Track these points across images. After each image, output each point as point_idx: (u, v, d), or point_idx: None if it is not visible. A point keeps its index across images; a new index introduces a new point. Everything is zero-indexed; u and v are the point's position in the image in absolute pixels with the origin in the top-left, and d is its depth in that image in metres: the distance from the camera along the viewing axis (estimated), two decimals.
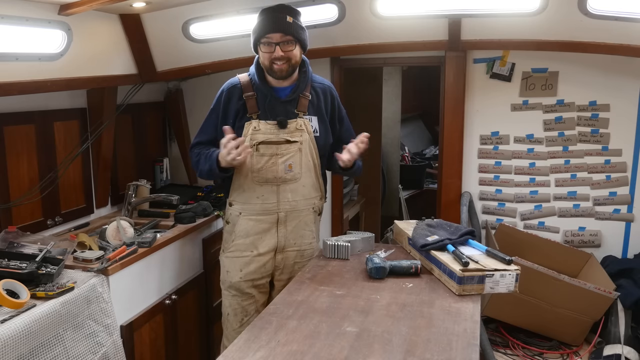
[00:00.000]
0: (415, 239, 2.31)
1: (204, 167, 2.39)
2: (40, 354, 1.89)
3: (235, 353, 1.60)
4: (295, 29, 2.29)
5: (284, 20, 2.27)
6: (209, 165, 2.35)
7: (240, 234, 2.43)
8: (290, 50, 2.29)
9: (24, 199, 2.50)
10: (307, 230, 2.49)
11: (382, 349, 1.61)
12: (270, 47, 2.27)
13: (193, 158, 2.47)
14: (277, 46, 2.27)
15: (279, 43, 2.27)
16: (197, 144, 2.48)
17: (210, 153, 2.37)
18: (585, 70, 3.09)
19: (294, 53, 2.30)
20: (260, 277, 2.46)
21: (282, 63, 2.28)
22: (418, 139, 6.71)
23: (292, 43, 2.29)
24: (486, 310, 2.89)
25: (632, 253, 3.17)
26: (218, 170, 2.33)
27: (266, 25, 2.28)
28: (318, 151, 2.45)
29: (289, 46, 2.28)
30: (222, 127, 2.37)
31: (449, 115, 3.25)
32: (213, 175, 2.39)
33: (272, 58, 2.28)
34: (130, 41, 2.75)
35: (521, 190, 3.29)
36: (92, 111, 2.88)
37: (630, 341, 2.67)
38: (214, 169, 2.33)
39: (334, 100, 2.52)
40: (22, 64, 2.19)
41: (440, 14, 2.91)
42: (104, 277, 2.22)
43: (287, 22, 2.27)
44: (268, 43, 2.28)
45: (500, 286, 1.98)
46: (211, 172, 2.36)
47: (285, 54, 2.28)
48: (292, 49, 2.29)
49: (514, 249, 2.94)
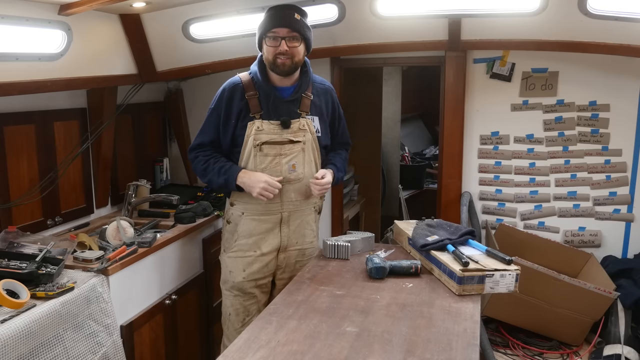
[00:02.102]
0: (415, 239, 2.31)
1: (216, 179, 2.39)
2: (40, 354, 1.89)
3: (235, 353, 1.60)
4: (302, 26, 2.31)
5: (292, 17, 2.29)
6: (224, 180, 2.36)
7: (243, 234, 2.43)
8: (295, 47, 2.30)
9: (24, 199, 2.50)
10: (309, 229, 2.50)
11: (382, 349, 1.61)
12: (276, 41, 2.28)
13: (198, 164, 2.44)
14: (282, 40, 2.27)
15: (284, 38, 2.28)
16: (198, 145, 2.46)
17: (227, 167, 2.37)
18: (585, 70, 3.09)
19: (298, 50, 2.31)
20: (263, 277, 2.46)
21: (285, 58, 2.29)
22: (418, 139, 6.71)
23: (298, 40, 2.30)
24: (486, 310, 2.89)
25: (632, 253, 3.17)
26: (235, 188, 2.36)
27: (274, 20, 2.30)
28: (320, 151, 2.45)
29: (294, 42, 2.29)
30: (224, 127, 2.37)
31: (449, 115, 3.25)
32: (226, 189, 2.43)
33: (277, 52, 2.28)
34: (130, 41, 2.75)
35: (521, 190, 3.29)
36: (92, 111, 2.88)
37: (630, 341, 2.67)
38: (230, 185, 2.36)
39: (334, 100, 2.53)
40: (22, 64, 2.19)
41: (440, 14, 2.91)
42: (104, 277, 2.22)
43: (294, 18, 2.29)
44: (274, 37, 2.29)
45: (500, 286, 1.98)
46: (226, 186, 2.39)
47: (290, 49, 2.28)
48: (297, 45, 2.30)
49: (514, 249, 2.94)
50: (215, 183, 2.41)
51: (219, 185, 2.41)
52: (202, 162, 2.42)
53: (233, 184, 2.35)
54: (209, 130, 2.44)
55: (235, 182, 2.34)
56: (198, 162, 2.44)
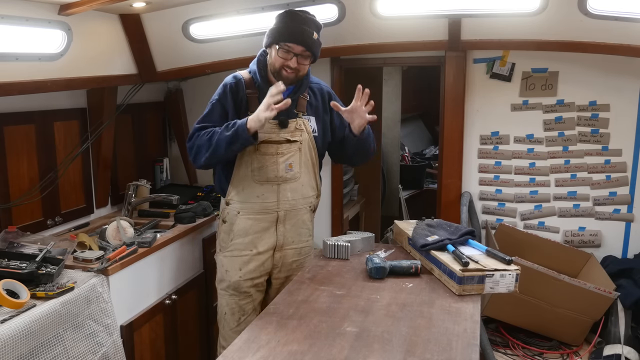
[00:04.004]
0: (415, 239, 2.31)
1: (225, 134, 2.22)
2: (40, 354, 1.89)
3: (235, 353, 1.60)
4: (317, 47, 2.32)
5: (311, 37, 2.28)
6: (233, 131, 2.20)
7: (239, 233, 2.43)
8: (305, 65, 2.32)
9: (24, 199, 2.50)
10: (305, 228, 2.50)
11: (382, 349, 1.61)
12: (288, 54, 2.28)
13: (203, 136, 2.29)
14: (295, 57, 2.28)
15: (297, 55, 2.28)
16: (201, 127, 2.34)
17: (232, 123, 2.24)
18: (585, 70, 3.09)
19: (305, 67, 2.34)
20: (259, 276, 2.46)
21: (291, 72, 2.30)
22: (418, 139, 6.71)
23: (309, 58, 2.33)
24: (486, 310, 2.89)
25: (632, 253, 3.17)
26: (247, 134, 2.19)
27: (292, 35, 2.27)
28: (317, 151, 2.45)
29: (305, 60, 2.31)
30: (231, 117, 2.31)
31: (449, 115, 3.25)
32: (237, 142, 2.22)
33: (285, 65, 2.29)
34: (130, 41, 2.75)
35: (521, 190, 3.29)
36: (92, 111, 2.88)
37: (630, 341, 2.67)
38: (241, 131, 2.19)
39: (331, 97, 2.51)
40: (22, 64, 2.20)
41: (440, 14, 2.92)
42: (104, 277, 2.22)
43: (312, 38, 2.29)
44: (287, 51, 2.28)
45: (500, 286, 1.98)
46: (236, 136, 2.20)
47: (299, 66, 2.30)
48: (306, 63, 2.33)
49: (514, 249, 2.94)
50: (224, 138, 2.23)
51: (228, 139, 2.22)
52: (207, 134, 2.29)
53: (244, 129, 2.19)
54: (213, 119, 2.36)
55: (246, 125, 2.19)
56: (202, 135, 2.30)
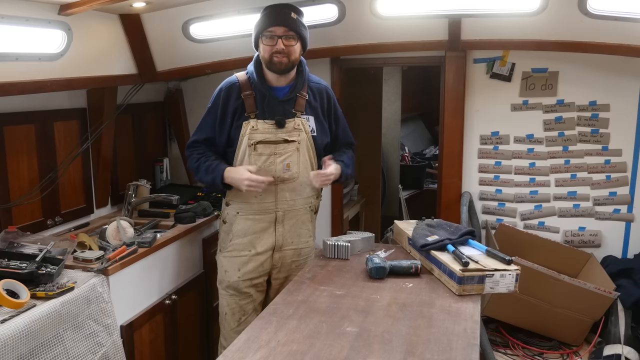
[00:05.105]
0: (415, 239, 2.31)
1: (205, 178, 2.42)
2: (40, 354, 1.89)
3: (235, 353, 1.60)
4: (299, 25, 2.33)
5: (289, 16, 2.31)
6: (211, 179, 2.38)
7: (238, 234, 2.44)
8: (292, 45, 2.32)
9: (24, 199, 2.50)
10: (304, 229, 2.50)
11: (382, 349, 1.61)
12: (273, 40, 2.30)
13: (192, 162, 2.48)
14: (279, 39, 2.29)
15: (281, 36, 2.29)
16: (193, 142, 2.49)
17: (214, 166, 2.38)
18: (585, 70, 3.09)
19: (294, 49, 2.33)
20: (258, 276, 2.47)
21: (282, 56, 2.31)
22: (418, 139, 6.70)
23: (294, 39, 2.32)
24: (486, 310, 2.89)
25: (632, 253, 3.17)
26: (222, 187, 2.38)
27: (270, 19, 2.31)
28: (315, 150, 2.45)
29: (290, 41, 2.31)
30: (220, 126, 2.39)
31: (449, 115, 3.25)
32: (214, 188, 2.46)
33: (273, 51, 2.30)
34: (130, 41, 2.75)
35: (521, 190, 3.29)
36: (92, 111, 2.88)
37: (630, 341, 2.67)
38: (217, 184, 2.38)
39: (330, 99, 2.53)
40: (22, 64, 2.19)
41: (440, 14, 2.91)
42: (104, 277, 2.22)
43: (291, 17, 2.31)
44: (271, 36, 2.30)
45: (500, 286, 1.98)
46: (213, 185, 2.42)
47: (287, 48, 2.30)
48: (293, 44, 2.32)
49: (514, 249, 2.94)
50: (205, 181, 2.45)
51: (207, 183, 2.45)
52: (195, 161, 2.46)
53: (219, 183, 2.37)
54: (205, 129, 2.47)
55: (222, 181, 2.36)
56: (191, 160, 2.48)
